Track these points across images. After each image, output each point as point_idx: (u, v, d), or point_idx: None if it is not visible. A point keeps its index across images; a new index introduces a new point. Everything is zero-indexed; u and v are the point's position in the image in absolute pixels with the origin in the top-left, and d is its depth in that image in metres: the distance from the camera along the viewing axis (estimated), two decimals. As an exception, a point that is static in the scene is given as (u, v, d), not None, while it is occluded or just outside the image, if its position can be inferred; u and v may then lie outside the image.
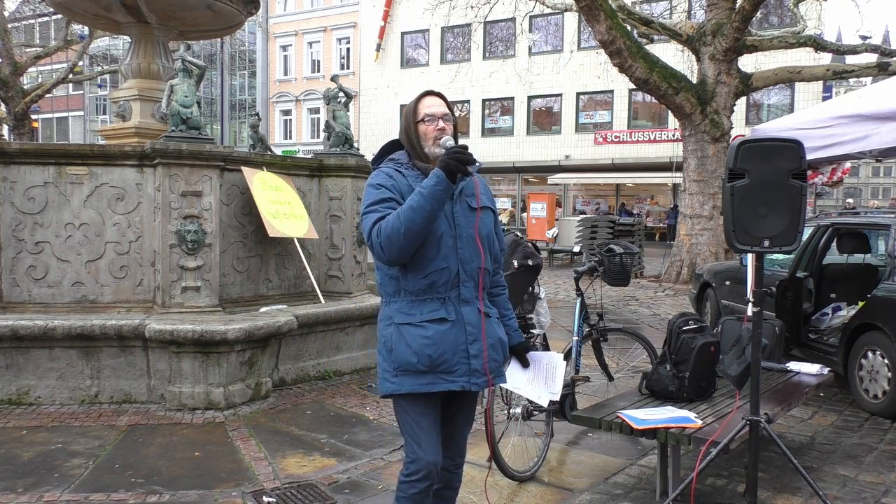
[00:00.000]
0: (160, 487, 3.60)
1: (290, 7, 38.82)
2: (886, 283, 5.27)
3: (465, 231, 2.42)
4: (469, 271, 2.42)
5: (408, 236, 2.27)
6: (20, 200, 5.37)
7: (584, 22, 17.63)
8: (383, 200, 2.37)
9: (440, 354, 2.36)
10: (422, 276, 2.38)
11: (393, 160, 2.51)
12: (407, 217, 2.26)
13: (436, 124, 2.45)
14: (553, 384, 2.70)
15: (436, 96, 2.52)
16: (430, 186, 2.27)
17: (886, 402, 5.03)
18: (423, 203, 2.26)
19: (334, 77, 7.35)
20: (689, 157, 13.66)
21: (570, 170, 30.35)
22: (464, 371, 2.39)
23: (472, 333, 2.41)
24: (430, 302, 2.39)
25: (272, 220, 5.89)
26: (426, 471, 2.38)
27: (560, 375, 2.72)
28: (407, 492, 2.41)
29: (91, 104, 45.78)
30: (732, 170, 3.18)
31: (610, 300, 10.86)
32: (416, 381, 2.37)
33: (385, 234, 2.29)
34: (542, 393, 2.71)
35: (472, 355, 2.40)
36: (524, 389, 2.75)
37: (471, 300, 2.43)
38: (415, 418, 2.42)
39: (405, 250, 2.31)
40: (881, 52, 14.88)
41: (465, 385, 2.39)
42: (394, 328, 2.41)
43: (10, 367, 4.96)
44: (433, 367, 2.36)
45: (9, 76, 22.03)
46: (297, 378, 5.66)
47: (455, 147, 2.34)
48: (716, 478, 3.84)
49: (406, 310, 2.41)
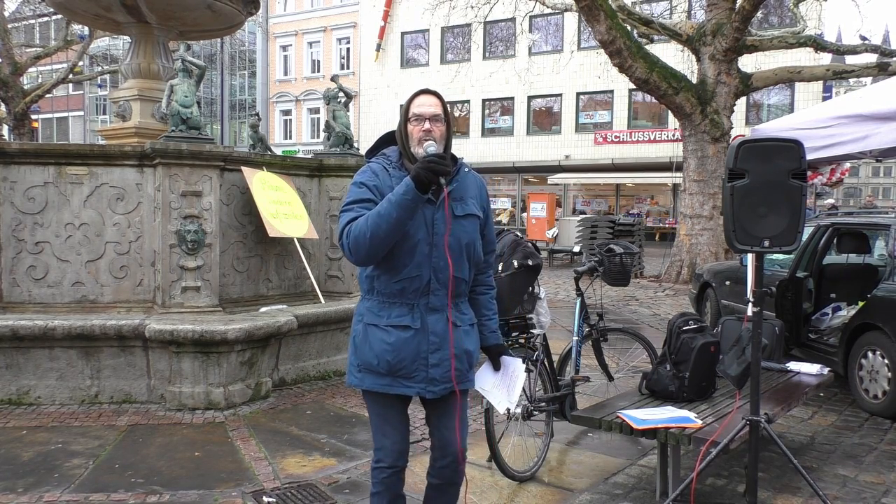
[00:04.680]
0: (160, 487, 3.60)
1: (290, 7, 38.81)
2: (886, 283, 5.27)
3: (442, 240, 2.39)
4: (442, 280, 2.41)
5: (373, 241, 2.27)
6: (20, 200, 5.37)
7: (584, 22, 17.63)
8: (361, 201, 2.37)
9: (399, 361, 2.41)
10: (394, 280, 2.40)
11: (384, 156, 2.50)
12: (374, 223, 2.26)
13: (422, 125, 2.40)
14: (512, 393, 2.66)
15: (431, 95, 2.47)
16: (398, 195, 2.24)
17: (886, 402, 5.03)
18: (391, 210, 2.24)
19: (334, 77, 7.35)
20: (689, 157, 13.65)
21: (570, 170, 30.33)
22: (421, 378, 2.43)
23: (435, 343, 2.42)
24: (398, 306, 2.42)
25: (272, 220, 5.89)
26: (390, 458, 2.49)
27: (518, 386, 2.66)
28: (378, 476, 2.52)
29: (91, 104, 45.77)
30: (732, 170, 3.18)
31: (610, 300, 10.86)
32: (376, 381, 2.46)
33: (353, 237, 2.30)
34: (502, 399, 2.68)
35: (432, 364, 2.42)
36: (489, 392, 2.71)
37: (440, 308, 2.43)
38: (378, 411, 2.53)
39: (372, 254, 2.32)
40: (881, 52, 14.87)
41: (420, 391, 2.45)
42: (362, 326, 2.48)
43: (10, 367, 4.96)
44: (391, 372, 2.43)
45: (9, 76, 22.04)
46: (297, 378, 5.66)
47: (431, 155, 2.28)
48: (716, 478, 3.84)
49: (376, 310, 2.46)
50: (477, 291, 2.63)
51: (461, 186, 2.47)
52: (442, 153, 2.36)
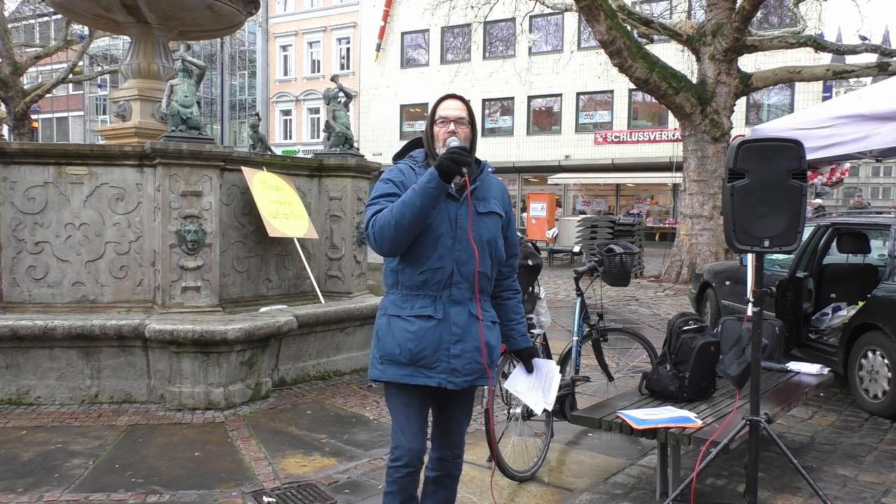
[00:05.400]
0: (160, 487, 3.60)
1: (290, 7, 38.81)
2: (886, 283, 5.27)
3: (466, 234, 2.48)
4: (465, 273, 2.48)
5: (398, 230, 2.36)
6: (20, 200, 5.37)
7: (584, 22, 17.63)
8: (387, 195, 2.47)
9: (421, 350, 2.45)
10: (417, 272, 2.47)
11: (411, 157, 2.62)
12: (398, 211, 2.35)
13: (447, 127, 2.52)
14: (548, 394, 2.77)
15: (457, 100, 2.59)
16: (422, 183, 2.35)
17: (886, 402, 5.03)
18: (414, 198, 2.34)
19: (334, 77, 7.35)
20: (689, 157, 13.66)
21: (570, 170, 30.34)
22: (443, 369, 2.47)
23: (457, 334, 2.48)
24: (421, 298, 2.48)
25: (272, 220, 5.89)
26: (407, 457, 2.50)
27: (555, 386, 2.79)
28: (392, 476, 2.54)
29: (91, 104, 45.78)
30: (732, 170, 3.18)
31: (610, 300, 10.86)
32: (398, 372, 2.49)
33: (378, 226, 2.39)
34: (538, 401, 2.78)
35: (454, 355, 2.47)
36: (523, 394, 2.82)
37: (463, 301, 2.50)
38: (399, 406, 2.55)
39: (396, 243, 2.40)
40: (881, 52, 14.87)
41: (441, 382, 2.48)
42: (385, 318, 2.54)
43: (10, 367, 4.96)
44: (413, 361, 2.47)
45: (9, 76, 22.04)
46: (297, 378, 5.66)
47: (454, 147, 2.39)
48: (716, 478, 3.84)
49: (399, 302, 2.51)
50: (504, 297, 2.71)
51: (484, 187, 2.58)
52: (465, 146, 2.46)
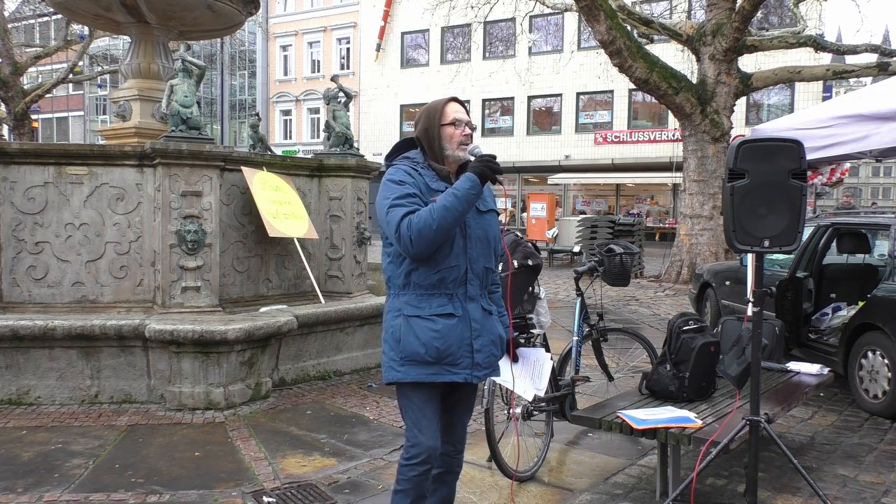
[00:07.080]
0: (160, 487, 3.60)
1: (290, 7, 38.81)
2: (886, 283, 5.27)
3: (474, 232, 2.55)
4: (476, 270, 2.56)
5: (438, 233, 2.40)
6: (20, 200, 5.37)
7: (584, 22, 17.63)
8: (409, 196, 2.47)
9: (447, 347, 2.48)
10: (433, 271, 2.49)
11: (408, 158, 2.61)
12: (440, 215, 2.38)
13: (463, 129, 2.58)
14: (539, 380, 2.83)
15: (460, 104, 2.65)
16: (464, 189, 2.41)
17: (886, 402, 5.03)
18: (457, 204, 2.40)
19: (334, 77, 7.35)
20: (689, 157, 13.66)
21: (570, 170, 30.34)
22: (467, 364, 2.52)
23: (477, 329, 2.54)
24: (438, 297, 2.51)
25: (272, 220, 5.89)
26: (426, 455, 2.50)
27: (546, 372, 2.87)
28: (407, 474, 2.52)
29: (91, 104, 45.78)
30: (732, 170, 3.18)
31: (610, 300, 10.86)
32: (422, 371, 2.49)
33: (416, 229, 2.39)
34: (528, 388, 2.85)
35: (476, 350, 2.53)
36: (511, 383, 2.85)
37: (475, 297, 2.57)
38: (418, 405, 2.53)
39: (433, 246, 2.43)
40: (881, 52, 14.88)
41: (467, 377, 2.52)
42: (402, 320, 2.52)
43: (10, 367, 4.96)
44: (439, 359, 2.48)
45: (9, 76, 22.03)
46: (297, 378, 5.66)
47: (486, 156, 2.48)
48: (716, 478, 3.84)
49: (415, 303, 2.51)
50: (490, 290, 2.75)
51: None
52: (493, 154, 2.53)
